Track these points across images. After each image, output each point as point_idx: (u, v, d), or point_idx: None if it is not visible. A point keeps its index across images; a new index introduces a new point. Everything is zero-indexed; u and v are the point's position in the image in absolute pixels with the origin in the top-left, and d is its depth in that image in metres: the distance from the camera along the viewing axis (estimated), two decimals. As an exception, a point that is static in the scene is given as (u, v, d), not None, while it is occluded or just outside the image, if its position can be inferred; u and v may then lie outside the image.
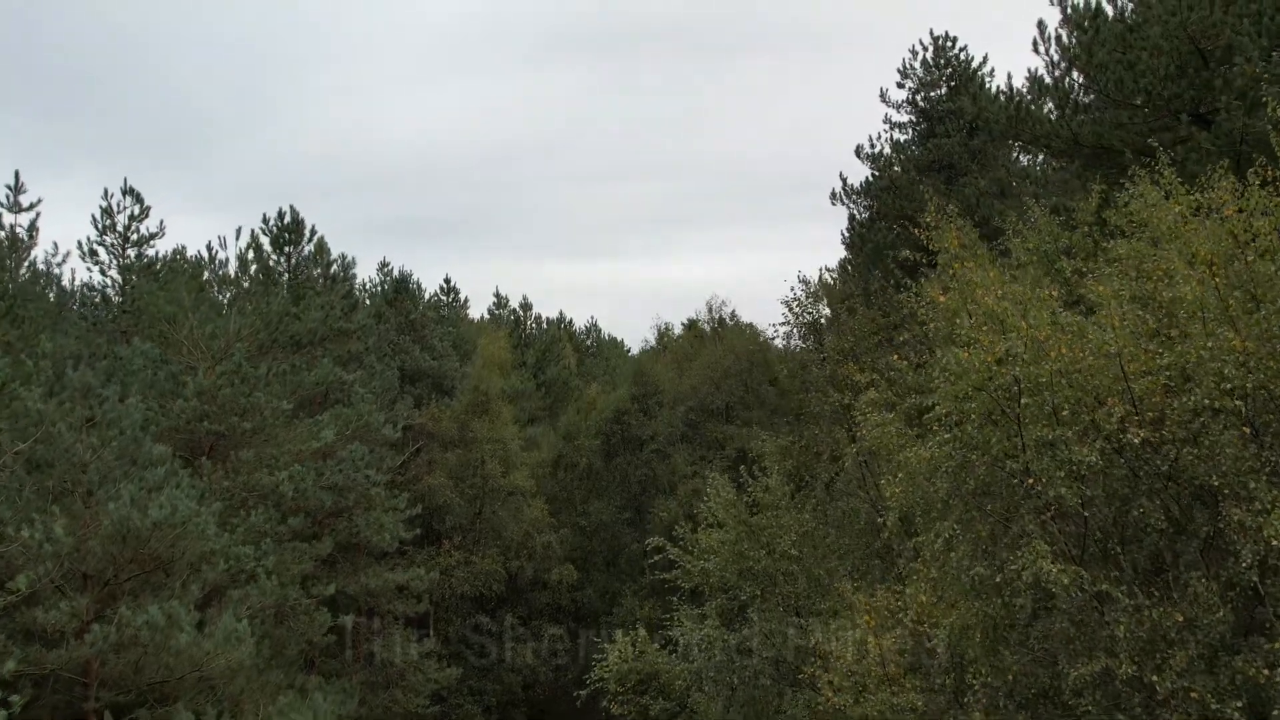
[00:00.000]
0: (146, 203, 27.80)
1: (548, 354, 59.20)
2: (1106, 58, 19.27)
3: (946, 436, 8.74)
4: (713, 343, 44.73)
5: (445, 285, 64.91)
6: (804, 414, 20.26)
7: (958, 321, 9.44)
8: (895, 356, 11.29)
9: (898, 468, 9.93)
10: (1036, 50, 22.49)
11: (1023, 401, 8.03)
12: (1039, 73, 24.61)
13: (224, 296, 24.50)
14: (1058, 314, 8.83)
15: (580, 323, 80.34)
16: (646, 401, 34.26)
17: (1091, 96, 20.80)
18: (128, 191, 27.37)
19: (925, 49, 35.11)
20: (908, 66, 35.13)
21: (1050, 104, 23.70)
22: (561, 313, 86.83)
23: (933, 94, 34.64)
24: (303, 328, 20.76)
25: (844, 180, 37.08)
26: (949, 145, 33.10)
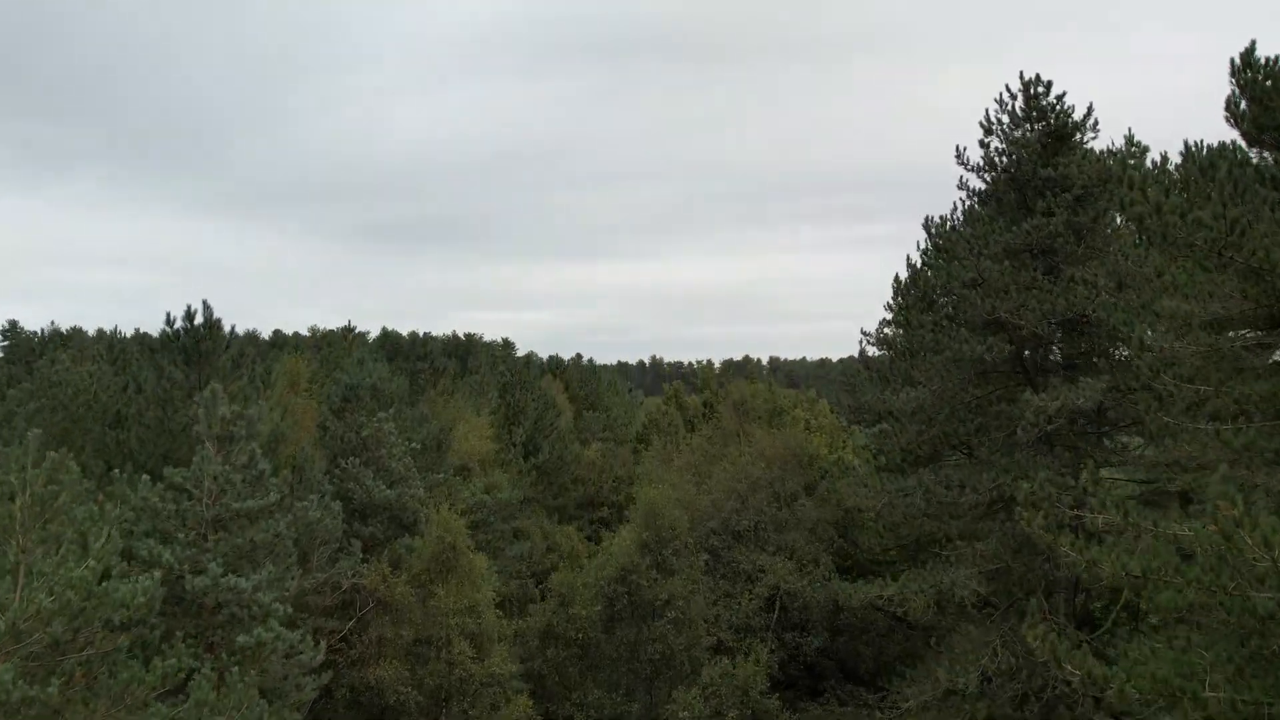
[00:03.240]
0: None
1: (540, 426, 51.63)
2: None
3: None
4: (736, 440, 37.24)
5: (419, 343, 57.43)
6: None
7: None
8: None
9: None
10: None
11: None
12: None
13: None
14: None
15: (583, 348, 72.91)
16: (660, 551, 26.66)
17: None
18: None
19: (1014, 97, 27.51)
20: (993, 121, 27.51)
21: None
22: (556, 355, 79.27)
23: (1024, 151, 26.97)
24: (136, 598, 13.08)
25: (912, 267, 29.42)
26: (1053, 225, 25.50)
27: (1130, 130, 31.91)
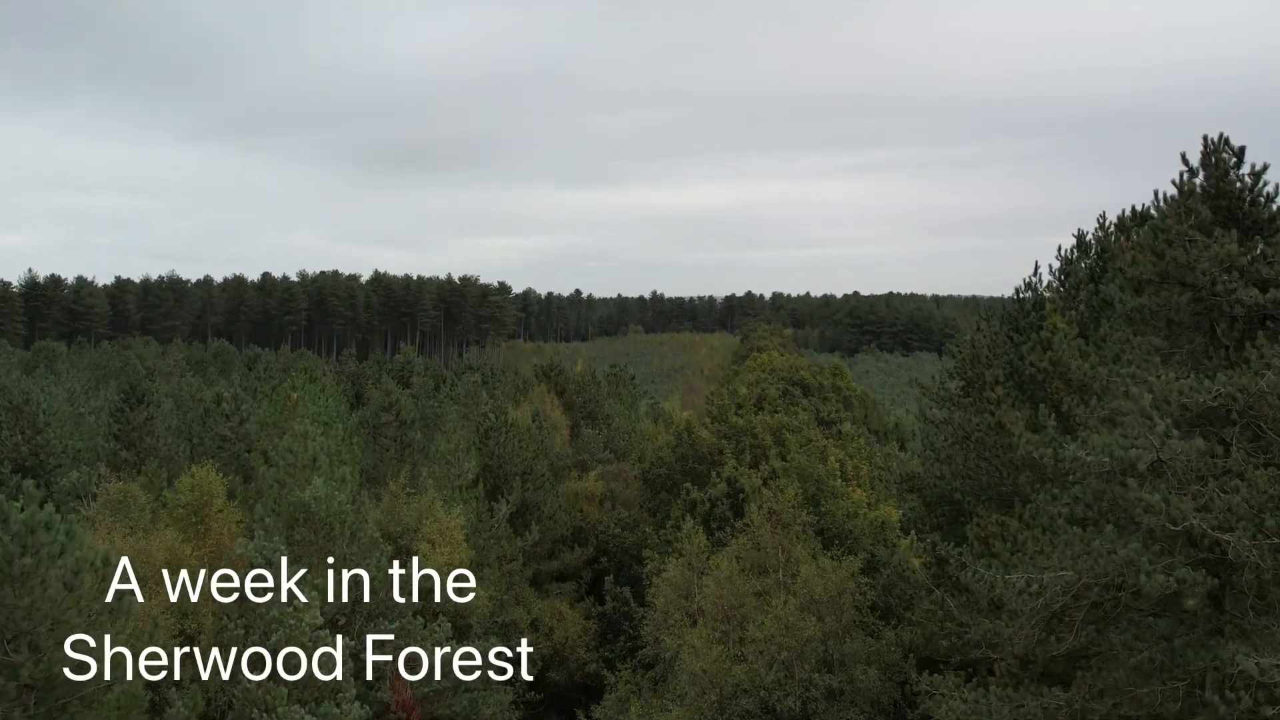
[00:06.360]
0: None
1: (530, 477, 43.75)
2: None
3: None
4: (775, 564, 29.45)
5: (412, 287, 49.09)
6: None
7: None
8: None
9: None
10: None
11: None
12: None
13: None
14: None
15: (583, 280, 65.32)
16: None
17: None
18: None
19: (1194, 174, 18.91)
20: (1162, 211, 19.03)
21: None
22: (555, 294, 71.11)
23: (1212, 261, 18.47)
24: None
25: (994, 360, 20.93)
26: (1265, 383, 17.19)
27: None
